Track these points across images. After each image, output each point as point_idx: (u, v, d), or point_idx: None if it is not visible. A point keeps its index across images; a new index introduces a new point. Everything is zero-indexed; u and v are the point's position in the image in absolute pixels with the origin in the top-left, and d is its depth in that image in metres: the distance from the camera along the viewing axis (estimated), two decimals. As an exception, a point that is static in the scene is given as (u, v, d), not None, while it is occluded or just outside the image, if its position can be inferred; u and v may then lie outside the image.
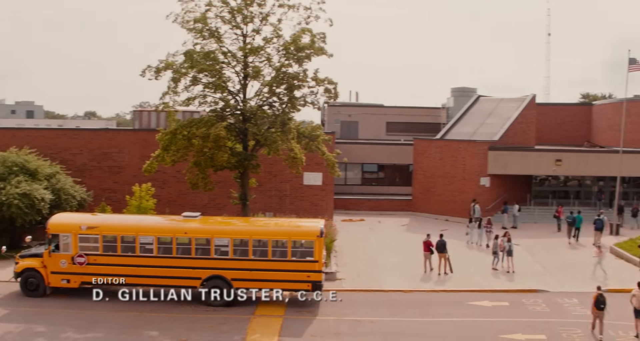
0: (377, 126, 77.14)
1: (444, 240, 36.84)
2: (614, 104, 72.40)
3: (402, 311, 29.24)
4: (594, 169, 55.63)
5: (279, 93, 36.10)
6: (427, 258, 36.63)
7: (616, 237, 46.73)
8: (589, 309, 27.50)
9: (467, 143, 53.65)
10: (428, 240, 36.95)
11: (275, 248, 29.58)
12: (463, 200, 52.66)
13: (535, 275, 36.15)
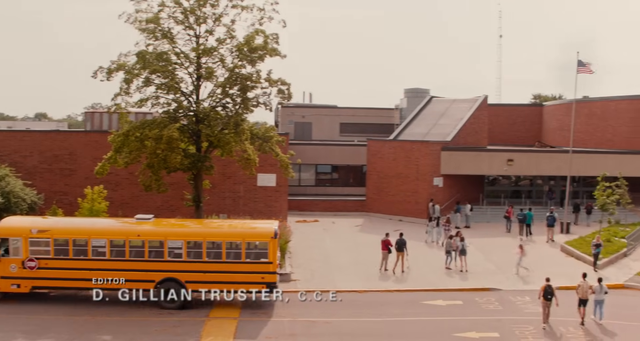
0: (331, 127, 77.51)
1: (404, 239, 37.27)
2: (564, 105, 73.87)
3: (356, 312, 29.49)
4: (545, 169, 56.75)
5: (232, 95, 36.15)
6: (385, 257, 37.06)
7: (566, 235, 47.73)
8: (538, 301, 28.52)
9: (420, 143, 54.24)
10: (387, 239, 37.34)
11: (230, 249, 29.60)
12: (416, 200, 53.25)
13: (488, 273, 36.75)
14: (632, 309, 31.15)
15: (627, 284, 35.44)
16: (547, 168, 56.64)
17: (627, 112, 62.96)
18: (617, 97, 65.77)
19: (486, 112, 64.43)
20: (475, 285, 34.37)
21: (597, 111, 66.57)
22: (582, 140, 66.08)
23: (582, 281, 28.57)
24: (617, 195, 44.00)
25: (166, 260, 29.39)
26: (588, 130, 67.09)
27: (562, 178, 56.55)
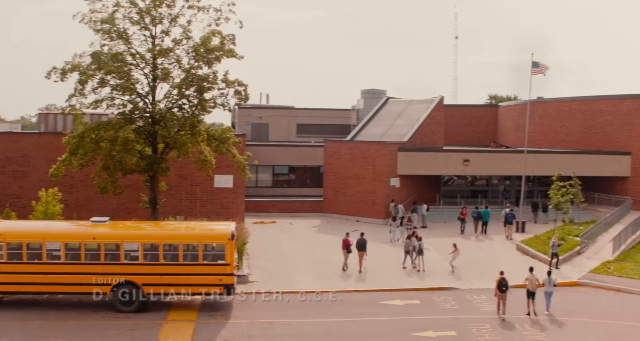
0: (288, 128, 77.68)
1: (365, 239, 37.86)
2: (519, 106, 75.07)
3: (314, 312, 29.66)
4: (500, 169, 57.66)
5: (189, 96, 36.07)
6: (345, 257, 37.56)
7: (522, 234, 48.53)
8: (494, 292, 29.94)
9: (377, 144, 54.64)
10: (347, 239, 37.85)
11: (187, 252, 29.52)
12: (373, 200, 53.63)
13: (445, 273, 37.19)
14: (586, 306, 31.82)
15: (581, 281, 36.21)
16: (503, 168, 57.56)
17: (580, 113, 64.22)
18: (571, 97, 67.05)
19: (442, 112, 65.18)
20: (433, 284, 34.78)
21: (551, 112, 67.76)
22: (537, 140, 67.22)
23: (530, 275, 30.35)
24: (571, 195, 44.84)
25: (122, 262, 29.19)
26: (542, 130, 68.27)
27: (517, 178, 57.46)
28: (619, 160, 58.93)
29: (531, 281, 30.02)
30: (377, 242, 43.83)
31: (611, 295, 34.14)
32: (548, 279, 30.31)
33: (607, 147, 60.89)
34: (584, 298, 33.56)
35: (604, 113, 61.80)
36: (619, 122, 60.40)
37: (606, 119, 61.59)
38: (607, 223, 47.68)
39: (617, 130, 60.41)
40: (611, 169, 59.03)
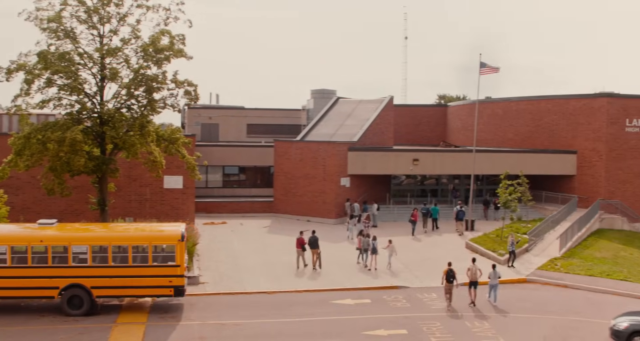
0: (238, 128, 77.53)
1: (317, 237, 38.40)
2: (467, 106, 76.10)
3: (266, 313, 29.74)
4: (449, 168, 58.43)
5: (138, 96, 35.82)
6: (299, 255, 38.12)
7: (471, 232, 49.28)
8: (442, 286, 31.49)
9: (327, 144, 54.91)
10: (301, 237, 38.35)
11: (136, 253, 29.34)
12: (324, 200, 53.88)
13: (396, 272, 37.60)
14: (534, 302, 32.47)
15: (529, 278, 36.98)
16: (452, 168, 58.35)
17: (527, 113, 65.36)
18: (518, 97, 68.14)
19: (392, 112, 65.78)
20: (383, 283, 35.13)
21: (499, 111, 68.83)
22: (485, 139, 68.22)
23: (472, 265, 32.20)
24: (519, 193, 45.66)
25: (70, 265, 28.91)
26: (491, 129, 69.31)
27: (466, 177, 58.31)
28: (565, 159, 60.20)
29: (473, 272, 31.79)
30: (328, 241, 44.07)
31: (558, 291, 34.95)
32: (493, 272, 32.17)
33: (554, 146, 62.13)
34: (532, 294, 34.25)
35: (551, 113, 63.03)
36: (565, 122, 61.66)
37: (553, 119, 62.82)
38: (554, 220, 48.67)
39: (564, 130, 61.67)
40: (558, 168, 60.27)
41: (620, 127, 58.72)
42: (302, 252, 38.12)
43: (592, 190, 58.94)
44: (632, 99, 59.47)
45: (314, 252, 38.14)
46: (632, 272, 39.30)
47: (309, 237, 38.48)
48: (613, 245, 47.40)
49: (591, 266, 39.65)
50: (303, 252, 38.13)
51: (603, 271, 38.51)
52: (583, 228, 48.63)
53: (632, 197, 58.89)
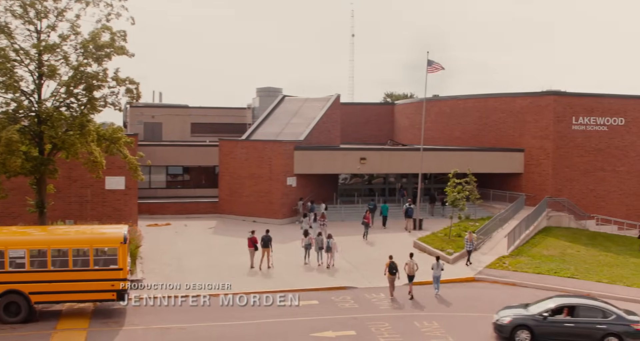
0: (182, 127, 77.03)
1: (270, 236, 38.92)
2: (415, 104, 76.79)
3: (212, 316, 29.54)
4: (397, 167, 58.90)
5: (77, 94, 35.21)
6: (252, 255, 38.44)
7: (419, 231, 49.72)
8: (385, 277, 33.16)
9: (272, 143, 54.83)
10: (253, 236, 38.71)
11: (77, 257, 28.90)
12: (270, 200, 53.80)
13: (344, 272, 37.76)
14: (482, 300, 32.95)
15: (478, 277, 37.51)
16: (399, 166, 58.83)
17: (475, 111, 66.25)
18: (465, 96, 69.04)
19: (339, 110, 66.00)
20: (331, 284, 35.23)
21: (447, 109, 69.63)
22: (433, 138, 68.95)
23: (409, 260, 33.84)
24: (467, 191, 46.24)
25: (7, 270, 28.30)
26: (438, 128, 70.08)
27: (414, 176, 58.83)
28: (513, 157, 61.21)
29: (410, 266, 33.53)
30: (276, 242, 43.83)
31: (506, 289, 35.53)
32: (436, 264, 34.04)
33: (501, 144, 63.08)
34: (481, 293, 34.74)
35: (498, 111, 63.98)
36: (512, 120, 62.64)
37: (500, 117, 63.77)
38: (502, 219, 49.40)
39: (511, 128, 62.66)
40: (505, 166, 61.24)
41: (567, 125, 59.90)
42: (254, 252, 38.41)
43: (539, 188, 60.01)
44: (579, 97, 60.73)
45: (265, 251, 38.39)
46: (579, 269, 40.13)
47: (262, 236, 38.73)
48: (560, 242, 48.33)
49: (539, 264, 40.39)
50: (255, 251, 38.42)
51: (550, 269, 39.26)
52: (531, 226, 49.48)
53: (578, 195, 60.15)
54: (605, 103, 60.93)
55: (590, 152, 60.62)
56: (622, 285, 36.84)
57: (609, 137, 61.01)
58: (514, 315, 27.44)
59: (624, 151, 61.58)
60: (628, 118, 61.52)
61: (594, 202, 60.65)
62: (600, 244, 50.26)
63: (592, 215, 59.26)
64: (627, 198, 61.91)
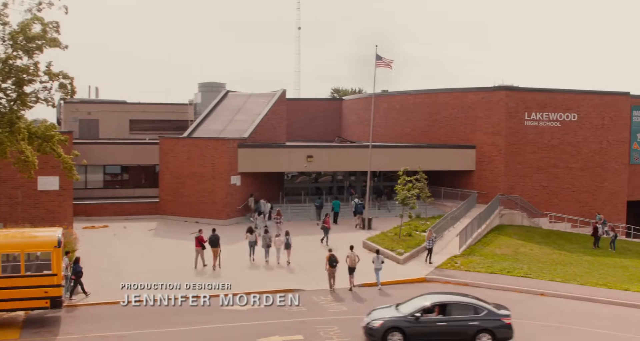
0: (120, 124, 76.15)
1: (217, 235, 39.27)
2: (363, 99, 77.17)
3: (152, 322, 29.19)
4: (345, 164, 58.99)
5: (6, 89, 34.51)
6: (198, 254, 38.82)
7: (368, 231, 49.89)
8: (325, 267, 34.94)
9: (215, 141, 54.46)
10: (200, 235, 39.09)
11: (6, 263, 28.22)
12: (213, 200, 53.42)
13: (291, 274, 37.70)
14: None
15: (429, 277, 37.76)
16: (348, 164, 58.93)
17: (425, 106, 66.77)
18: (415, 91, 69.56)
19: (285, 106, 65.90)
20: (278, 286, 35.04)
21: (396, 105, 70.04)
22: (382, 134, 69.33)
23: (350, 253, 35.51)
24: (417, 189, 46.52)
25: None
26: (387, 124, 70.47)
27: (363, 174, 58.99)
28: (464, 154, 61.85)
29: (351, 258, 35.22)
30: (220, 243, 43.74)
31: (459, 290, 35.66)
32: (377, 257, 35.91)
33: (452, 140, 63.70)
34: (432, 294, 34.91)
35: (449, 107, 64.58)
36: (463, 116, 63.29)
37: (451, 112, 64.38)
38: (453, 217, 49.86)
39: (462, 124, 63.29)
40: (457, 163, 61.86)
41: (519, 120, 60.76)
42: (201, 251, 38.64)
43: (491, 185, 60.77)
44: (531, 92, 61.67)
45: (214, 251, 38.70)
46: (532, 268, 40.72)
47: (210, 235, 38.94)
48: (513, 241, 48.99)
49: (491, 264, 40.87)
50: (203, 250, 38.62)
51: (503, 268, 39.75)
52: (483, 224, 50.05)
53: (531, 192, 61.08)
54: (558, 98, 61.96)
55: (543, 148, 61.60)
56: (576, 284, 37.45)
57: (562, 133, 62.07)
58: (385, 318, 27.22)
59: (577, 147, 62.73)
60: (581, 114, 62.67)
61: (547, 200, 61.67)
62: (554, 242, 51.11)
63: (545, 213, 60.24)
64: (580, 196, 63.10)
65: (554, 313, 31.67)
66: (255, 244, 40.91)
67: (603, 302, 34.03)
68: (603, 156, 64.03)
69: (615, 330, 29.27)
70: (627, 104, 65.17)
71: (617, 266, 44.31)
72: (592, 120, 63.13)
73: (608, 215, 63.39)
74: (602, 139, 63.83)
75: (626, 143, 65.31)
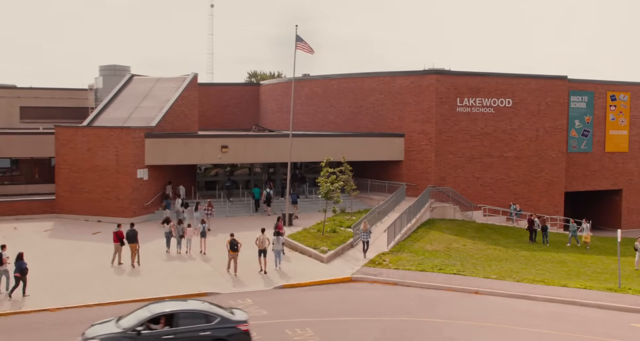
0: (9, 112, 74.49)
1: (136, 230, 40.04)
2: (283, 84, 77.07)
3: (47, 336, 28.41)
4: (263, 155, 58.72)
5: None
6: (117, 250, 39.69)
7: (289, 227, 49.82)
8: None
9: (120, 130, 53.58)
10: (119, 230, 39.81)
11: None
12: (118, 196, 52.60)
13: (205, 276, 37.33)
14: (361, 303, 33.09)
15: (355, 277, 37.87)
16: (266, 155, 58.71)
17: (350, 92, 66.96)
18: (340, 75, 69.65)
19: (196, 92, 65.37)
20: (190, 289, 34.66)
21: (319, 90, 70.12)
22: (303, 122, 69.38)
23: (260, 235, 38.87)
24: (342, 182, 46.64)
25: None
26: (309, 111, 70.52)
27: (283, 165, 58.92)
28: (392, 143, 62.33)
29: (261, 241, 38.43)
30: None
31: (387, 289, 36.01)
32: (276, 238, 39.00)
33: (380, 128, 64.12)
34: (359, 294, 35.03)
35: (376, 92, 64.93)
36: (391, 102, 63.72)
37: (378, 98, 64.76)
38: (381, 211, 50.19)
39: (389, 110, 63.74)
40: (384, 153, 62.32)
41: (451, 106, 61.53)
42: (120, 247, 39.51)
43: (421, 176, 61.45)
44: (464, 77, 62.48)
45: (132, 246, 39.37)
46: (466, 265, 41.29)
47: (127, 230, 39.60)
48: (445, 236, 49.62)
49: (422, 261, 41.28)
50: (121, 246, 39.52)
51: (435, 266, 40.18)
52: (413, 219, 50.54)
53: (463, 183, 61.98)
54: (492, 83, 62.98)
55: (476, 137, 62.55)
56: (512, 281, 38.07)
57: (496, 120, 63.15)
58: (101, 335, 24.86)
59: (512, 135, 63.91)
60: (516, 100, 63.87)
61: (480, 191, 62.70)
62: (488, 237, 51.99)
63: (478, 206, 61.25)
64: (515, 187, 64.35)
65: (489, 313, 32.07)
66: (171, 235, 42.85)
67: (540, 299, 34.65)
68: (539, 144, 65.42)
69: (553, 329, 29.81)
70: (564, 89, 66.69)
71: (555, 261, 45.34)
72: (527, 106, 64.40)
73: (545, 207, 64.91)
74: (539, 126, 65.21)
75: (564, 130, 66.86)
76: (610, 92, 71.24)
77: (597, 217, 71.51)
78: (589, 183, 71.06)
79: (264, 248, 38.36)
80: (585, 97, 69.45)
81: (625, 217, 72.71)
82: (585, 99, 69.46)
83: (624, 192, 72.89)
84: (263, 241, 38.45)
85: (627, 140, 72.77)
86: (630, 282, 39.46)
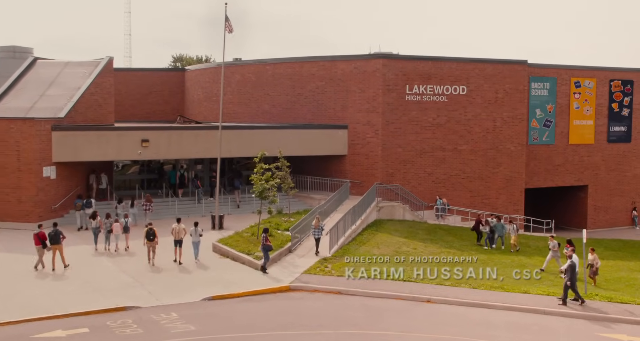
0: None
1: (59, 230, 40.73)
2: (211, 70, 76.68)
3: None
4: (189, 150, 58.19)
5: None
6: (40, 253, 40.19)
7: (219, 231, 49.56)
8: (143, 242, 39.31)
9: (21, 122, 52.58)
10: (41, 231, 40.33)
11: None
12: (19, 198, 51.63)
13: (123, 288, 36.84)
14: (301, 315, 32.95)
15: (294, 286, 37.69)
16: (193, 150, 58.23)
17: (287, 78, 66.75)
18: (275, 59, 69.40)
19: (112, 78, 64.65)
20: (106, 304, 34.14)
21: (252, 77, 69.83)
22: (235, 113, 69.12)
23: (176, 225, 42.44)
24: (278, 179, 46.47)
25: None
26: (242, 100, 70.24)
27: (212, 162, 58.54)
28: (334, 136, 62.30)
29: (177, 231, 42.01)
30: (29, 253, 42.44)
31: (330, 299, 35.90)
32: (194, 230, 42.36)
33: (320, 119, 64.02)
34: (298, 305, 34.89)
35: (316, 79, 64.81)
36: (332, 89, 63.64)
37: (318, 86, 64.64)
38: (322, 212, 50.07)
39: (331, 99, 63.66)
40: (325, 147, 62.28)
41: (399, 94, 61.69)
42: (42, 250, 40.01)
43: (367, 172, 61.57)
44: (414, 61, 62.70)
45: (55, 248, 40.07)
46: (416, 271, 41.28)
47: (50, 231, 40.36)
48: (394, 238, 49.73)
49: (368, 266, 41.21)
50: (44, 249, 39.99)
51: (382, 272, 40.12)
52: (358, 220, 50.57)
53: (414, 180, 62.23)
54: (444, 68, 63.31)
55: (428, 128, 62.82)
56: (468, 287, 38.19)
57: (450, 109, 63.48)
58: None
59: (467, 126, 64.34)
60: (471, 87, 64.29)
61: (432, 188, 63.02)
62: (441, 239, 52.22)
63: (430, 204, 61.56)
64: (471, 183, 64.81)
65: (443, 324, 32.12)
66: (99, 231, 45.04)
67: (499, 308, 34.81)
68: (497, 136, 65.95)
69: (512, 340, 30.05)
70: (524, 75, 67.33)
71: (515, 266, 45.59)
72: (484, 94, 64.86)
73: (503, 205, 65.52)
74: (496, 116, 65.72)
75: (524, 120, 67.53)
76: (575, 78, 72.14)
77: (561, 215, 72.40)
78: (552, 178, 71.90)
79: (179, 238, 41.91)
80: (547, 83, 70.25)
81: (592, 216, 73.76)
82: (547, 86, 70.25)
83: (589, 188, 73.93)
84: (179, 231, 41.99)
85: (592, 130, 73.78)
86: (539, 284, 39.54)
